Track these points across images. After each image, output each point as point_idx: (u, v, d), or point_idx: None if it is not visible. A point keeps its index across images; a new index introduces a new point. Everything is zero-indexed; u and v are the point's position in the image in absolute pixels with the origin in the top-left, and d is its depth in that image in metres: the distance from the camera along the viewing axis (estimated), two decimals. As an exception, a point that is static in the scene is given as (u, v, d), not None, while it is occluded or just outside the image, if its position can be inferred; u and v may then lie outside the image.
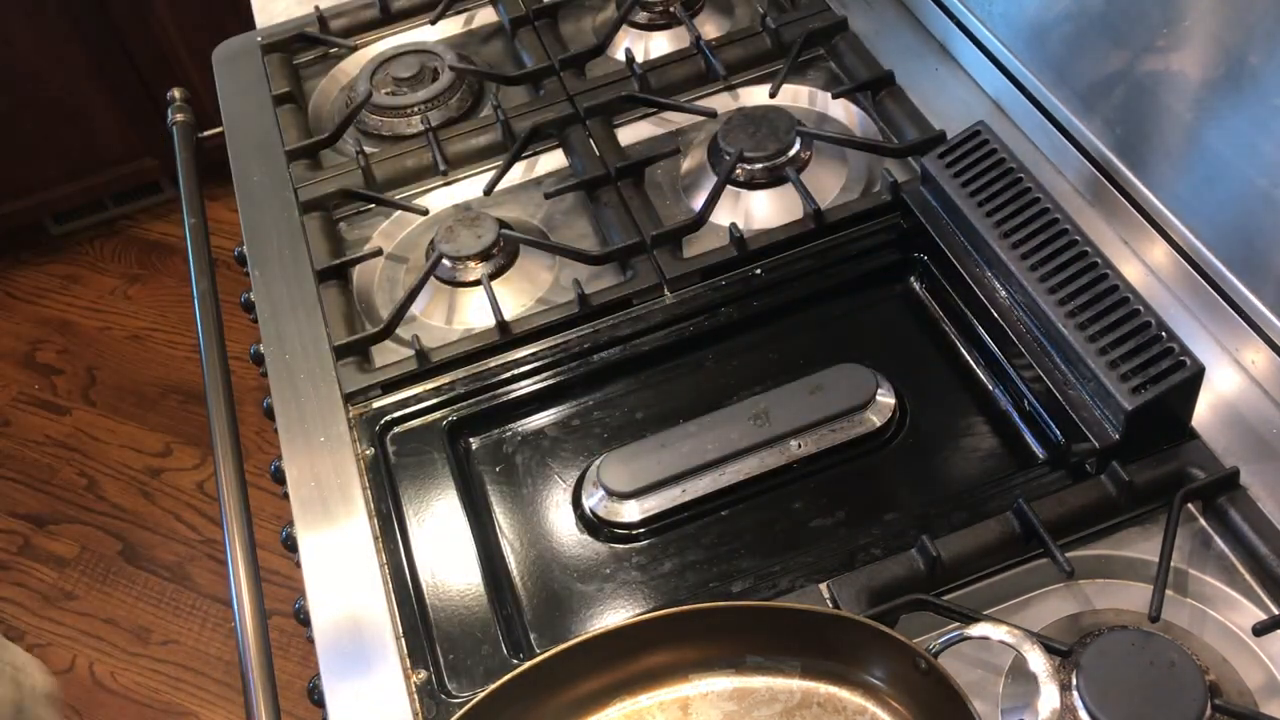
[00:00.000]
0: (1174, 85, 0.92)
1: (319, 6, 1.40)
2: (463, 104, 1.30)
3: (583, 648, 0.76)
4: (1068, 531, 0.84)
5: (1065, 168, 1.07)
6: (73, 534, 2.24)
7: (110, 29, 2.35)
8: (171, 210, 2.75)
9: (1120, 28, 0.96)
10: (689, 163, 1.18)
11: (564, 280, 1.09)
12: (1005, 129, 1.12)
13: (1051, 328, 0.87)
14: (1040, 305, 0.88)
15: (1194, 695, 0.71)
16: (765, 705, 0.75)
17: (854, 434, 0.91)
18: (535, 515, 0.93)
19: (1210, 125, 0.89)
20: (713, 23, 1.35)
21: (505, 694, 0.74)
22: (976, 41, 1.17)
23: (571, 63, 1.28)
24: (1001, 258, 0.91)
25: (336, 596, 0.89)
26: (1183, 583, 0.82)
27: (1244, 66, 0.84)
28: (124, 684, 2.04)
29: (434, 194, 1.21)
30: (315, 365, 1.05)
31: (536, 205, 1.18)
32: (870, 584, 0.82)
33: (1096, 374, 0.84)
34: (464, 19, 1.42)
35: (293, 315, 1.10)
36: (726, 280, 1.04)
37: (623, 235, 1.09)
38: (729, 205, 1.11)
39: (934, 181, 0.98)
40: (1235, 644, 0.79)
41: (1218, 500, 0.83)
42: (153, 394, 2.44)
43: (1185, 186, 0.95)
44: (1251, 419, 0.88)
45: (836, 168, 1.13)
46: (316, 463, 0.98)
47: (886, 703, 0.74)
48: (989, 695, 0.78)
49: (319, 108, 1.35)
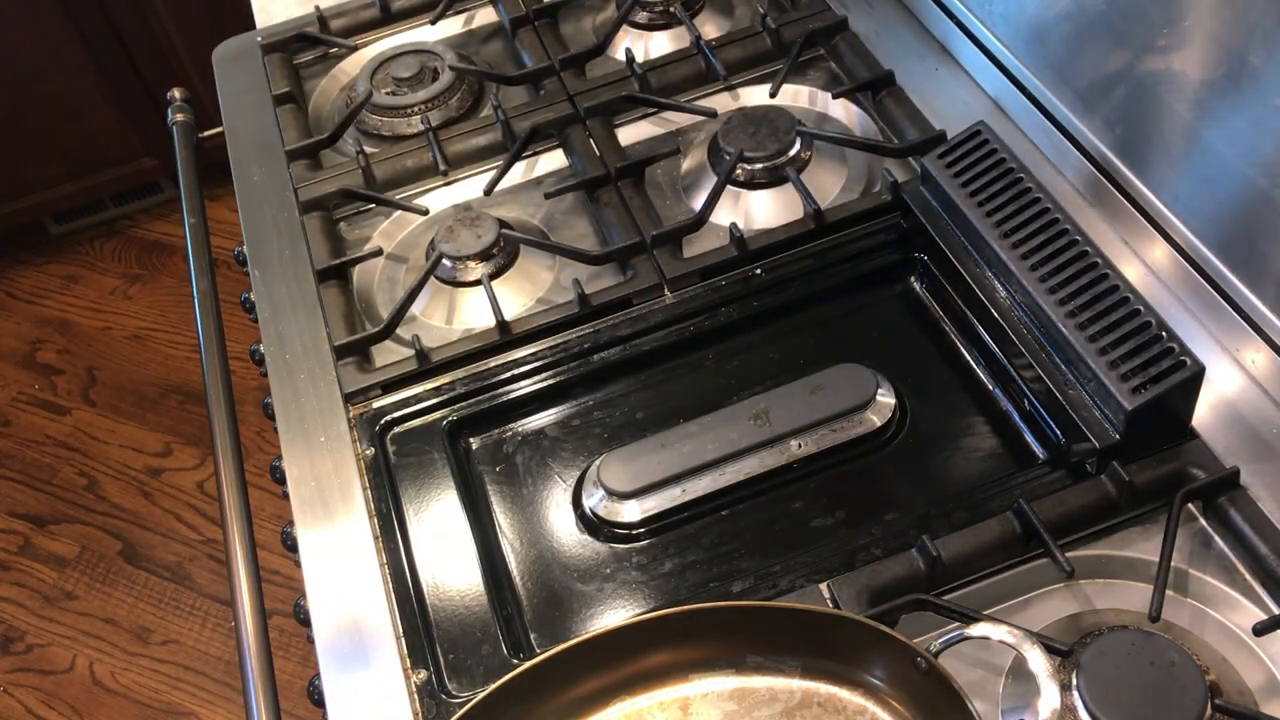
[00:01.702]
0: (1174, 85, 0.92)
1: (319, 6, 1.40)
2: (463, 104, 1.30)
3: (583, 648, 0.76)
4: (1068, 531, 0.84)
5: (1065, 168, 1.07)
6: (73, 534, 2.24)
7: (110, 29, 2.35)
8: (171, 210, 2.75)
9: (1120, 28, 0.96)
10: (689, 163, 1.18)
11: (564, 280, 1.09)
12: (1005, 129, 1.13)
13: (1051, 327, 0.87)
14: (1040, 305, 0.88)
15: (1194, 695, 0.71)
16: (765, 705, 0.75)
17: (854, 434, 0.91)
18: (535, 515, 0.93)
19: (1210, 125, 0.89)
20: (713, 23, 1.35)
21: (505, 694, 0.74)
22: (977, 41, 1.17)
23: (572, 63, 1.28)
24: (1001, 258, 0.91)
25: (336, 596, 0.89)
26: (1183, 583, 0.82)
27: (1244, 66, 0.84)
28: (124, 684, 2.04)
29: (434, 194, 1.21)
30: (315, 365, 1.06)
31: (537, 205, 1.18)
32: (870, 584, 0.82)
33: (1097, 374, 0.84)
34: (464, 19, 1.42)
35: (293, 315, 1.10)
36: (726, 280, 1.04)
37: (623, 235, 1.09)
38: (729, 205, 1.11)
39: (934, 181, 0.98)
40: (1235, 644, 0.79)
41: (1218, 500, 0.83)
42: (153, 394, 2.44)
43: (1185, 186, 0.95)
44: (1252, 419, 0.88)
45: (836, 168, 1.13)
46: (317, 462, 0.98)
47: (886, 703, 0.74)
48: (989, 695, 0.78)
49: (319, 108, 1.35)
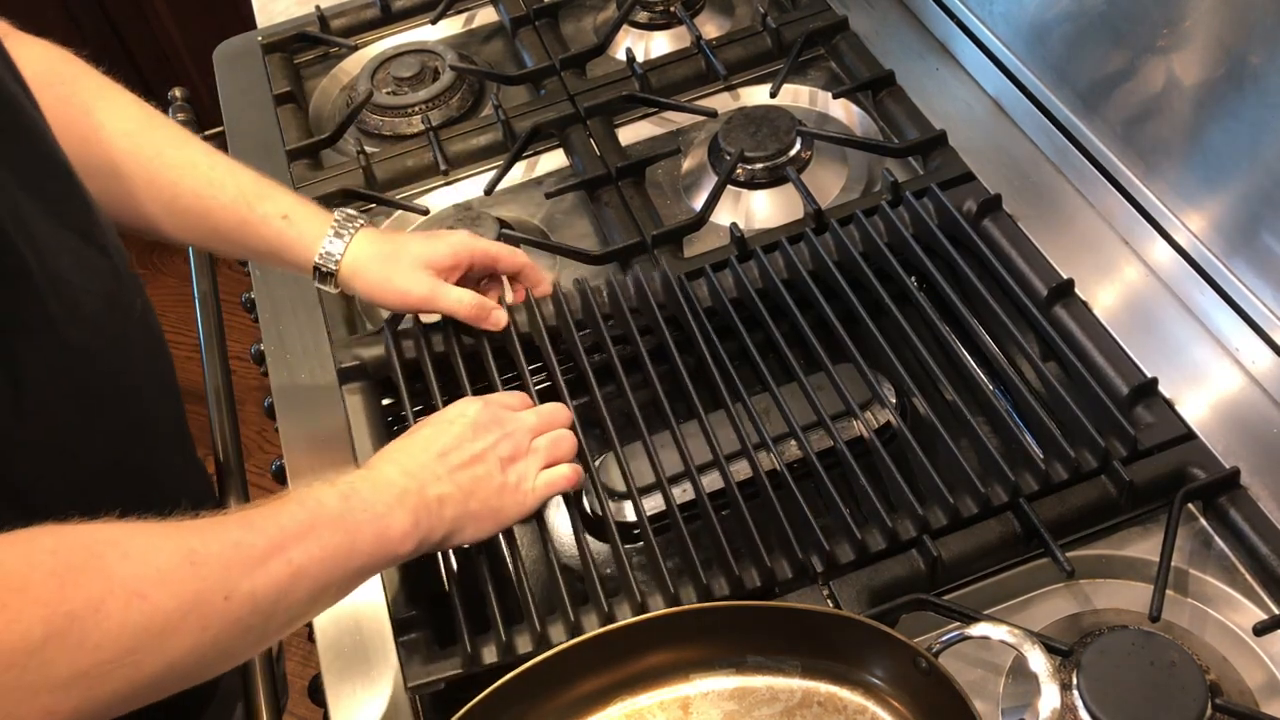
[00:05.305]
0: (1174, 85, 0.92)
1: (319, 6, 1.40)
2: (463, 103, 1.30)
3: (583, 648, 0.76)
4: (1068, 531, 0.84)
5: (1066, 167, 1.07)
6: (73, 533, 2.24)
7: (110, 28, 2.35)
8: (172, 210, 2.75)
9: (1121, 28, 0.96)
10: (689, 162, 1.18)
11: (564, 280, 1.09)
12: (1006, 129, 1.13)
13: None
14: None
15: (1194, 695, 0.71)
16: (766, 705, 0.75)
17: (854, 434, 0.91)
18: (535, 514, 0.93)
19: (1211, 125, 0.89)
20: (713, 22, 1.35)
21: (505, 694, 0.74)
22: (977, 41, 1.17)
23: (572, 62, 1.28)
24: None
25: (337, 596, 0.89)
26: (1183, 583, 0.82)
27: (1244, 66, 0.84)
28: (124, 683, 2.04)
29: (435, 194, 1.21)
30: (316, 365, 1.05)
31: (537, 205, 1.18)
32: (870, 584, 0.82)
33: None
34: (464, 18, 1.42)
35: (293, 315, 1.10)
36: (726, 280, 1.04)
37: (623, 235, 1.09)
38: (729, 205, 1.11)
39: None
40: (1236, 644, 0.79)
41: (1218, 500, 0.83)
42: (153, 394, 2.44)
43: (1186, 186, 0.95)
44: (1252, 419, 0.88)
45: (837, 168, 1.13)
46: (317, 462, 0.98)
47: (887, 702, 0.74)
48: (989, 695, 0.78)
49: (319, 107, 1.35)
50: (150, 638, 0.58)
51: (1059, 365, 0.92)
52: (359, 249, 0.92)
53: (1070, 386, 0.89)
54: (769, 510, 0.85)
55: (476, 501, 0.78)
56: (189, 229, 0.91)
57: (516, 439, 0.82)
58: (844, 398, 0.91)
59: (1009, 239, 1.00)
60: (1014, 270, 0.97)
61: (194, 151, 0.91)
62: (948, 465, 0.86)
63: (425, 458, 0.78)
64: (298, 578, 0.66)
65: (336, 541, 0.69)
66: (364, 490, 0.73)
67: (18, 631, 0.53)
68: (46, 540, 0.57)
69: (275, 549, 0.65)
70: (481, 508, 0.78)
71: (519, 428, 0.83)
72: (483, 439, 0.80)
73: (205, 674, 0.63)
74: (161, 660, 0.59)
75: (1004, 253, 0.99)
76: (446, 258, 0.92)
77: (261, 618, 0.64)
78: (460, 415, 0.82)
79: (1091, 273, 0.99)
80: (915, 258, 1.00)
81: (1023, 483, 0.85)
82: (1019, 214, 1.03)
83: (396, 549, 0.73)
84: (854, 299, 0.97)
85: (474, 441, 0.80)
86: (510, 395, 0.88)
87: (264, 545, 0.65)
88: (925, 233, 1.01)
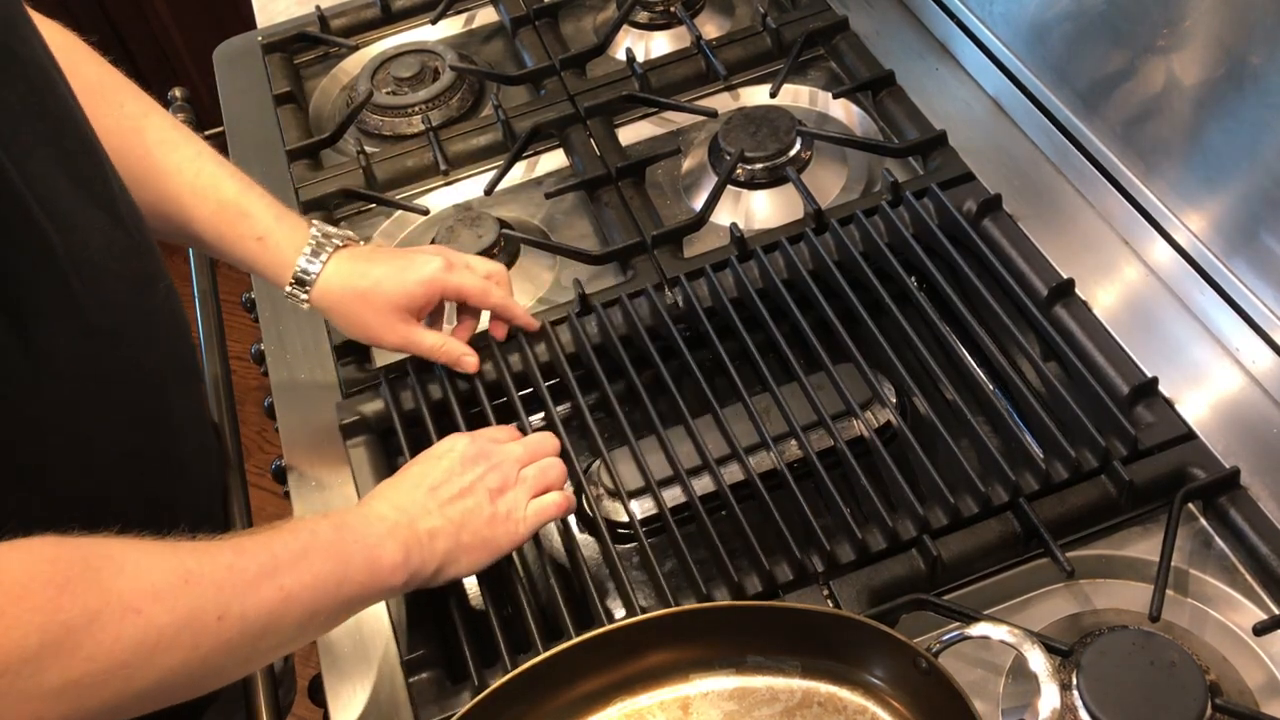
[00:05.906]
0: (1174, 85, 0.92)
1: (319, 6, 1.40)
2: (463, 104, 1.30)
3: (582, 648, 0.76)
4: (1068, 531, 0.84)
5: (1066, 168, 1.07)
6: (73, 534, 2.24)
7: (110, 28, 2.35)
8: (172, 210, 2.75)
9: (1121, 28, 0.96)
10: (689, 163, 1.18)
11: (564, 280, 1.09)
12: (1006, 129, 1.13)
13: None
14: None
15: (1194, 695, 0.71)
16: (766, 705, 0.75)
17: (854, 434, 0.91)
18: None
19: (1211, 125, 0.89)
20: (713, 22, 1.35)
21: (505, 694, 0.74)
22: (977, 41, 1.17)
23: (572, 62, 1.28)
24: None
25: (337, 596, 0.89)
26: (1183, 583, 0.82)
27: (1244, 66, 0.84)
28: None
29: (435, 194, 1.21)
30: (316, 365, 1.05)
31: (537, 205, 1.18)
32: (870, 584, 0.82)
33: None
34: (464, 19, 1.42)
35: (293, 315, 1.10)
36: (726, 280, 1.04)
37: (623, 235, 1.09)
38: (729, 205, 1.11)
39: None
40: (1236, 644, 0.79)
41: (1218, 500, 0.83)
42: (153, 394, 2.44)
43: (1186, 186, 0.95)
44: (1252, 419, 0.88)
45: (837, 168, 1.13)
46: (318, 462, 0.98)
47: (887, 702, 0.74)
48: (989, 695, 0.78)
49: (319, 107, 1.35)
50: (143, 652, 0.59)
51: (1059, 365, 0.92)
52: (333, 278, 0.91)
53: (1070, 386, 0.89)
54: (769, 510, 0.85)
55: (468, 533, 0.79)
56: (173, 234, 0.91)
57: (504, 470, 0.83)
58: (844, 397, 0.91)
59: (1009, 239, 1.00)
60: (1014, 270, 0.97)
61: (181, 156, 0.90)
62: (948, 465, 0.86)
63: (416, 493, 0.79)
64: (289, 603, 0.67)
65: (328, 569, 0.70)
66: (356, 523, 0.75)
67: (14, 639, 0.54)
68: (46, 550, 0.58)
69: (267, 574, 0.66)
70: (473, 539, 0.80)
71: (506, 459, 0.84)
72: (471, 472, 0.82)
73: (193, 691, 0.64)
74: (152, 675, 0.60)
75: (1004, 253, 0.99)
76: (419, 298, 0.92)
77: (251, 639, 0.65)
78: (448, 450, 0.83)
79: (1091, 273, 0.99)
80: (915, 258, 1.00)
81: (1023, 482, 0.85)
82: (1019, 214, 1.03)
83: (388, 579, 0.74)
84: (854, 299, 0.97)
85: (462, 475, 0.81)
86: (498, 429, 0.89)
87: (256, 569, 0.66)
88: (925, 233, 1.01)
